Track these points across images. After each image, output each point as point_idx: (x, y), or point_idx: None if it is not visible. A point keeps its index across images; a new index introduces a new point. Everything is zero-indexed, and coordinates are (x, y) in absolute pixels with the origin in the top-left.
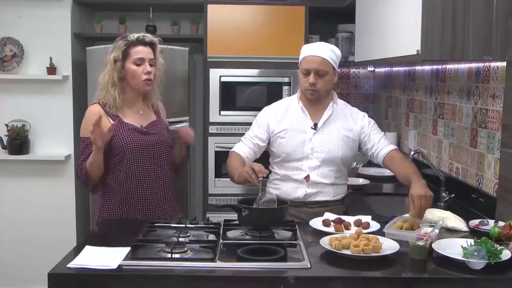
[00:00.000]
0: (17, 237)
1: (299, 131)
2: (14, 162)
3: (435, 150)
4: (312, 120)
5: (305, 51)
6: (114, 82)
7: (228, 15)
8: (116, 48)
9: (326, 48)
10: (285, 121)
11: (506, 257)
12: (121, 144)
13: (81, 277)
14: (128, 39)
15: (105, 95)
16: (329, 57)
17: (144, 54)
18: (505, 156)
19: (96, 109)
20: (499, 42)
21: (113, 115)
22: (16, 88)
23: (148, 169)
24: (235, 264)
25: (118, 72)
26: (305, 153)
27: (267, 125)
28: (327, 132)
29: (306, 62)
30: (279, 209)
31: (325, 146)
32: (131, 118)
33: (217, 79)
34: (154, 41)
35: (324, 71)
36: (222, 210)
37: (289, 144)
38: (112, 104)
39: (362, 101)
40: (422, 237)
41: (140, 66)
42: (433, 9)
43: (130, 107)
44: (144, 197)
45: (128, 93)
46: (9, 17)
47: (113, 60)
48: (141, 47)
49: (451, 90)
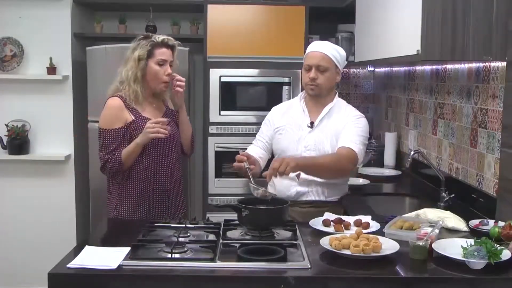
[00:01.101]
0: (17, 237)
1: (296, 128)
2: (14, 162)
3: (435, 150)
4: (311, 119)
5: (309, 48)
6: (136, 78)
7: (228, 15)
8: (141, 47)
9: (330, 46)
10: (285, 118)
11: (506, 257)
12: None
13: (81, 277)
14: (153, 40)
15: (127, 89)
16: (331, 54)
17: (167, 56)
18: (505, 156)
19: (117, 102)
20: (499, 42)
21: (132, 108)
22: (16, 88)
23: (165, 159)
24: (235, 264)
25: (141, 70)
26: (298, 150)
27: (272, 122)
28: (321, 131)
29: (308, 58)
30: (279, 209)
31: (318, 145)
32: (148, 112)
33: (217, 79)
34: (175, 44)
35: (325, 67)
36: (222, 210)
37: (285, 141)
38: (133, 98)
39: (362, 101)
40: (422, 237)
41: (162, 67)
42: (433, 9)
43: (146, 101)
44: (161, 186)
45: (145, 89)
46: (9, 17)
47: (138, 58)
48: (165, 49)
49: (451, 90)
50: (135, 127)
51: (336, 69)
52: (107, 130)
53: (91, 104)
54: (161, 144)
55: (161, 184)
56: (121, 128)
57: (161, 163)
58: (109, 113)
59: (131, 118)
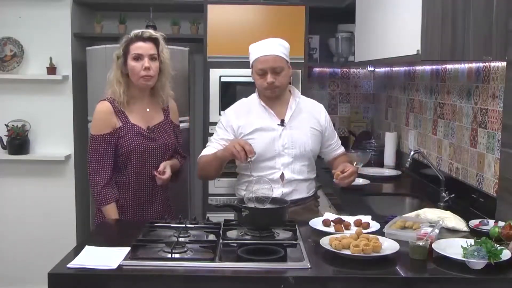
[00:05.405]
0: (17, 237)
1: (267, 129)
2: (14, 162)
3: (435, 150)
4: (277, 117)
5: (256, 52)
6: (118, 79)
7: (228, 15)
8: (119, 46)
9: (276, 44)
10: (250, 122)
11: (506, 257)
12: (126, 147)
13: (81, 277)
14: (128, 36)
15: (112, 92)
16: (281, 52)
17: (143, 50)
18: (505, 156)
19: (106, 106)
20: (499, 42)
21: (121, 112)
22: (16, 88)
23: (149, 171)
24: (235, 264)
25: (120, 69)
26: (276, 150)
27: (231, 127)
28: (295, 127)
29: (260, 63)
30: (279, 209)
31: (296, 142)
32: (138, 118)
33: (217, 79)
34: (153, 36)
35: (280, 67)
36: (222, 210)
37: (259, 144)
38: (119, 100)
39: (362, 101)
40: (422, 237)
41: (139, 62)
42: (433, 9)
43: (138, 104)
44: (143, 197)
45: (133, 90)
46: (9, 17)
47: (116, 58)
48: (140, 43)
49: (451, 90)
50: (121, 134)
51: (287, 64)
52: (95, 136)
53: (91, 104)
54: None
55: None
56: (109, 133)
57: (146, 174)
58: (97, 118)
59: (119, 124)
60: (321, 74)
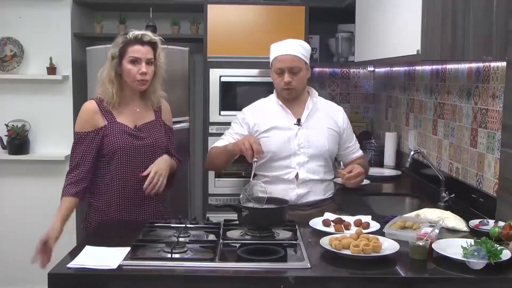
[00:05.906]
0: (17, 237)
1: (283, 128)
2: (14, 162)
3: (435, 150)
4: (294, 117)
5: (276, 51)
6: (111, 79)
7: (228, 15)
8: (114, 45)
9: (296, 44)
10: (267, 120)
11: (506, 257)
12: (110, 146)
13: (81, 277)
14: (127, 37)
15: (103, 91)
16: (300, 53)
17: (141, 54)
18: (505, 156)
19: (91, 105)
20: (499, 42)
21: (108, 111)
22: (16, 88)
23: (136, 172)
24: (235, 264)
25: (114, 69)
26: (292, 149)
27: (247, 124)
28: (312, 126)
29: (278, 61)
30: (279, 209)
31: (312, 141)
32: (126, 117)
33: (217, 79)
34: (153, 40)
35: (298, 67)
36: (222, 210)
37: (275, 142)
38: (110, 100)
39: (362, 101)
40: (422, 237)
41: (136, 66)
42: (433, 9)
43: (128, 104)
44: (129, 199)
45: (125, 91)
46: (9, 17)
47: (111, 57)
48: (138, 46)
49: (451, 90)
50: (106, 133)
51: (306, 65)
52: (80, 134)
53: None
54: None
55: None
56: (91, 132)
57: (132, 174)
58: (81, 116)
59: (103, 122)
60: (321, 74)
